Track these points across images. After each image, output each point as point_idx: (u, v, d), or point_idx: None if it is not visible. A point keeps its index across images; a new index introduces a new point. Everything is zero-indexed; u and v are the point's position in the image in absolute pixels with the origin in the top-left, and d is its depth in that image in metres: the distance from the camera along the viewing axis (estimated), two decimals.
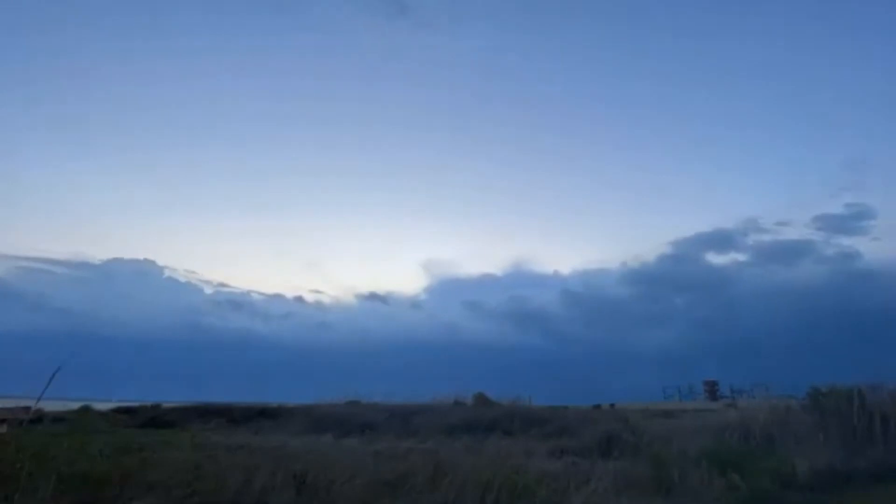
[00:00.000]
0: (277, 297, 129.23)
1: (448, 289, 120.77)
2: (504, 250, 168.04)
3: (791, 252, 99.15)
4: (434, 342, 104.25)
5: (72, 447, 6.70)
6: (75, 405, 22.19)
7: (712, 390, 40.62)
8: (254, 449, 9.58)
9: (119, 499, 5.39)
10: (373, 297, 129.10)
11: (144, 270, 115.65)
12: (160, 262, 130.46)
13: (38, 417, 18.72)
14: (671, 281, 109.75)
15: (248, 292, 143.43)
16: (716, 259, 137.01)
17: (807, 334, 74.70)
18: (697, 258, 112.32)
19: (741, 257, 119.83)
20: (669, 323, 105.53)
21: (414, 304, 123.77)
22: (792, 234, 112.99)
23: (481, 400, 21.98)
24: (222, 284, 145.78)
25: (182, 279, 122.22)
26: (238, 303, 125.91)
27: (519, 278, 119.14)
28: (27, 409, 19.22)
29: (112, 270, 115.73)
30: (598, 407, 25.02)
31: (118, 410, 22.36)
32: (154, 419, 19.97)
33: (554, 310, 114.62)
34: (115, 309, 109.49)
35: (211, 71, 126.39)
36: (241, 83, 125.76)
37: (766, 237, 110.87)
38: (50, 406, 21.24)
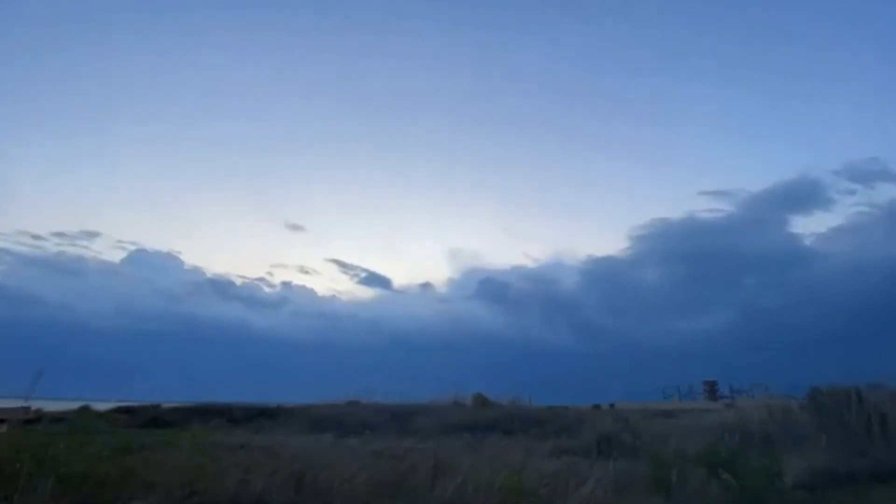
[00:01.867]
0: (280, 284, 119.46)
1: (469, 279, 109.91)
2: (539, 239, 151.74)
3: None
4: (443, 337, 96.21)
5: (71, 447, 6.69)
6: (75, 405, 22.21)
7: (712, 390, 40.66)
8: (254, 449, 9.59)
9: (119, 499, 5.39)
10: (382, 286, 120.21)
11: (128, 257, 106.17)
12: (148, 247, 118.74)
13: (38, 417, 18.73)
14: (729, 256, 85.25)
15: (245, 279, 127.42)
16: (796, 223, 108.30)
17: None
18: (769, 222, 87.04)
19: (834, 220, 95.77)
20: (713, 313, 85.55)
21: (424, 294, 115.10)
22: None
23: (480, 400, 21.99)
24: (205, 269, 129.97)
25: (168, 262, 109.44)
26: (232, 290, 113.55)
27: (552, 268, 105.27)
28: (27, 409, 19.27)
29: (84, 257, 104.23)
30: (597, 407, 25.06)
31: (118, 410, 22.35)
32: (154, 419, 19.96)
33: (581, 302, 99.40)
34: (92, 300, 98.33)
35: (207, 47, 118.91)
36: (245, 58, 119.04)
37: (881, 195, 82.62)
38: (49, 406, 21.26)
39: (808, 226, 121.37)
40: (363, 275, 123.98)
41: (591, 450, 10.29)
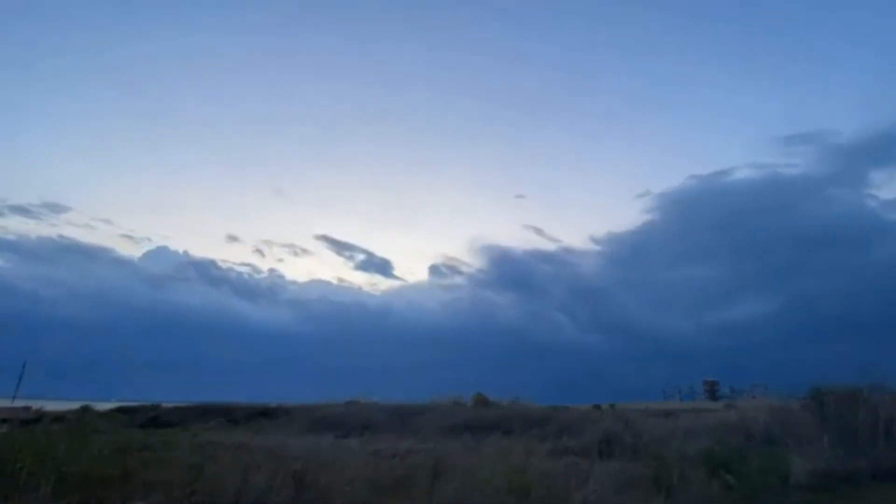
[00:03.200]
0: (268, 271, 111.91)
1: (474, 263, 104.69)
2: (557, 214, 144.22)
3: None
4: (447, 327, 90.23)
5: (72, 447, 6.69)
6: (75, 405, 22.26)
7: (712, 390, 40.69)
8: (254, 449, 9.58)
9: (119, 498, 5.39)
10: (382, 271, 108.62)
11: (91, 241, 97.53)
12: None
13: (38, 417, 18.76)
14: (789, 225, 63.68)
15: (229, 263, 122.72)
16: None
17: None
18: (848, 180, 66.24)
19: None
20: (755, 301, 68.13)
21: (428, 279, 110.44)
22: None
23: (480, 400, 21.98)
24: (188, 252, 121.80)
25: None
26: (216, 273, 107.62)
27: (568, 250, 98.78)
28: (27, 408, 19.34)
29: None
30: (598, 407, 25.03)
31: (118, 410, 22.38)
32: (154, 419, 19.99)
33: (596, 288, 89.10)
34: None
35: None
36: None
37: None
38: (50, 406, 21.31)
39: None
40: (361, 257, 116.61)
41: (591, 450, 10.28)
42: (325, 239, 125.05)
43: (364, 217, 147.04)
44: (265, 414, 20.86)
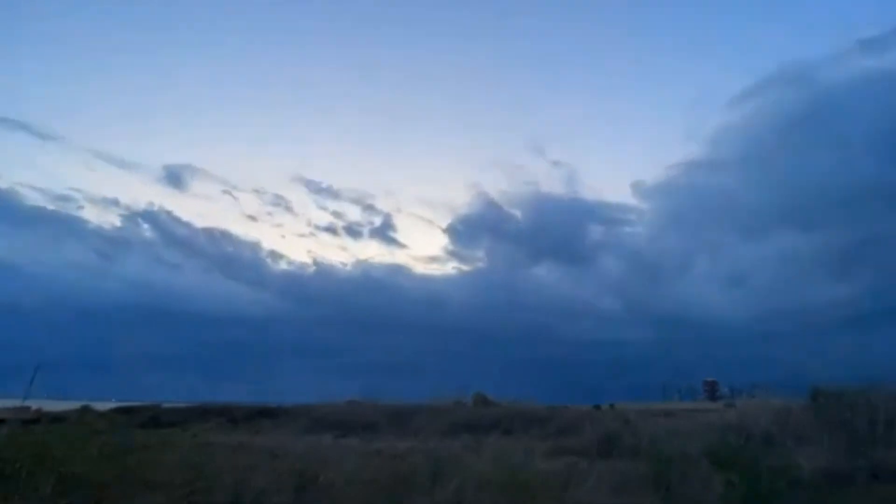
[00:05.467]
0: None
1: (482, 227, 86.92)
2: (590, 151, 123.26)
3: None
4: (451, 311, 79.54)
5: (72, 447, 6.69)
6: (75, 405, 22.24)
7: (712, 390, 40.72)
8: (254, 449, 9.58)
9: (119, 499, 5.39)
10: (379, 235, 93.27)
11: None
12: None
13: (38, 417, 18.75)
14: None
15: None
16: None
17: None
18: None
19: None
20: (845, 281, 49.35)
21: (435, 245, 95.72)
22: None
23: (480, 400, 22.00)
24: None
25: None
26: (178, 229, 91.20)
27: (604, 202, 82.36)
28: (27, 408, 19.28)
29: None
30: (598, 407, 25.04)
31: (118, 410, 22.38)
32: (154, 419, 20.01)
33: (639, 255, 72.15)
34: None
35: None
36: None
37: None
38: (49, 406, 21.27)
39: None
40: (353, 215, 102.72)
41: (591, 450, 10.28)
42: (303, 181, 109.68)
43: (354, 160, 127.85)
44: (265, 414, 20.89)
